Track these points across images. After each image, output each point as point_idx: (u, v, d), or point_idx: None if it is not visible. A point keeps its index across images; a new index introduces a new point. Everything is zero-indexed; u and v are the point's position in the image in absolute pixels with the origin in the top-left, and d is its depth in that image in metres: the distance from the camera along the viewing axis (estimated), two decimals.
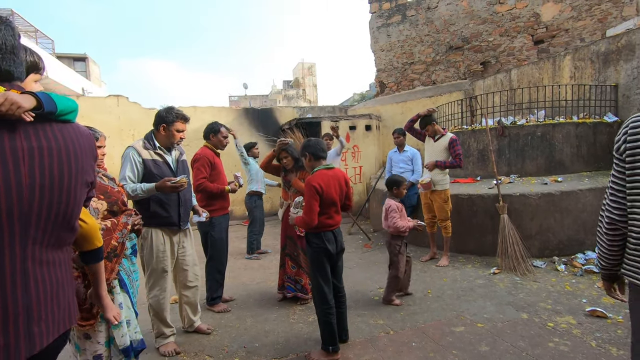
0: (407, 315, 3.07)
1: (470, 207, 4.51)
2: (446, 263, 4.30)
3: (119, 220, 1.98)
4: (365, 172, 7.86)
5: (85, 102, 7.53)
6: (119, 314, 1.80)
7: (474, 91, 8.17)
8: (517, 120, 5.57)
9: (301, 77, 35.64)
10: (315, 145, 2.55)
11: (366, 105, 10.34)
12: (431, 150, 4.35)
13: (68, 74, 13.27)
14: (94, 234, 1.49)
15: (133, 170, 2.48)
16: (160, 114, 2.60)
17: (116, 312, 1.76)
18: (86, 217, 1.45)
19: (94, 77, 17.54)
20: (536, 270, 3.90)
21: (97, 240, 1.51)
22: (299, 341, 2.73)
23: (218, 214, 3.29)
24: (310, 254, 2.50)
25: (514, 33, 8.28)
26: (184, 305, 2.85)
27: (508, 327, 2.76)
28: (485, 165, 5.48)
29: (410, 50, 9.90)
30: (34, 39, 13.35)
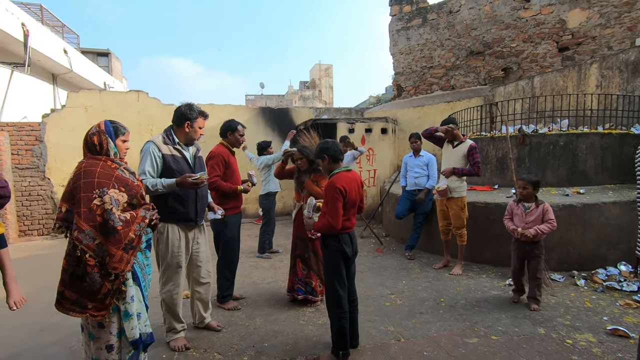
0: (418, 323, 3.01)
1: (487, 215, 4.41)
2: (460, 272, 4.21)
3: (137, 213, 1.99)
4: (380, 176, 7.79)
5: (107, 97, 7.70)
6: (20, 302, 1.93)
7: (494, 97, 8.01)
8: (538, 129, 5.42)
9: (318, 79, 35.69)
10: (334, 148, 2.51)
11: (383, 109, 10.25)
12: (449, 157, 4.26)
13: (91, 69, 13.59)
14: None
15: (153, 165, 2.50)
16: (182, 110, 2.61)
17: (18, 298, 1.91)
18: None
19: (115, 72, 17.94)
20: (554, 284, 3.78)
21: None
22: (308, 344, 2.70)
23: (231, 212, 3.29)
24: (327, 257, 2.47)
25: (537, 39, 8.08)
26: (195, 301, 2.86)
27: (524, 342, 2.67)
28: (504, 174, 5.35)
29: (430, 54, 9.78)
30: (61, 33, 13.73)
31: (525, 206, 3.32)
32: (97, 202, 1.87)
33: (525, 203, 3.33)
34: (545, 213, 3.23)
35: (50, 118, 7.11)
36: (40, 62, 10.20)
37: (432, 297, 3.55)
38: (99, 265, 1.86)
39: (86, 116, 7.19)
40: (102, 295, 1.88)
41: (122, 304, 1.96)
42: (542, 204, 3.27)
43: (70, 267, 1.88)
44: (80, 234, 1.84)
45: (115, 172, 2.01)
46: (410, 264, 4.66)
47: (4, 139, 6.64)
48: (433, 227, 4.91)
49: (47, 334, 2.95)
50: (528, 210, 3.29)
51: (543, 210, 3.24)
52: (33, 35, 9.04)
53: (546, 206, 3.26)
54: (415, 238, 4.96)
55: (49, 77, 11.44)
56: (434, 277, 4.15)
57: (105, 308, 1.91)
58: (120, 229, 1.88)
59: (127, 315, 1.97)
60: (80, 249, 1.84)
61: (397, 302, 3.47)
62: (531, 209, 3.28)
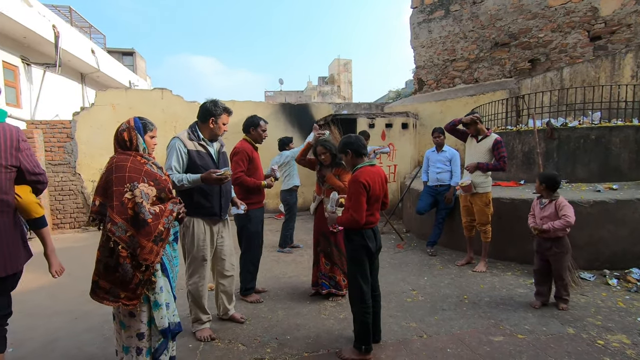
0: (441, 320, 2.98)
1: (513, 212, 4.29)
2: (484, 269, 4.12)
3: (166, 207, 2.06)
4: (400, 171, 7.71)
5: (134, 95, 7.93)
6: (60, 271, 2.16)
7: (520, 90, 7.76)
8: (568, 122, 5.22)
9: (337, 74, 35.51)
10: (357, 142, 2.50)
11: (403, 103, 10.11)
12: (473, 151, 4.15)
13: (117, 68, 14.03)
14: (28, 206, 1.99)
15: (179, 161, 2.56)
16: (207, 107, 2.66)
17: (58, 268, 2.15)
18: (22, 193, 1.97)
19: (140, 71, 18.44)
20: (584, 282, 3.65)
21: (33, 212, 2.02)
22: (330, 337, 2.72)
23: (254, 207, 3.36)
24: (350, 252, 2.47)
25: (567, 29, 7.75)
26: (220, 293, 2.93)
27: (552, 341, 2.59)
28: (530, 169, 5.19)
29: (453, 47, 9.55)
30: (88, 34, 14.22)
31: (541, 202, 3.25)
32: (128, 196, 1.95)
33: (543, 199, 3.25)
34: (559, 208, 3.11)
35: (80, 116, 7.40)
36: (69, 62, 10.60)
37: (454, 294, 3.50)
38: (130, 257, 1.93)
39: (113, 114, 7.44)
40: (134, 285, 1.96)
41: (151, 294, 2.03)
42: (556, 199, 3.16)
43: (104, 258, 1.96)
44: (113, 227, 1.92)
45: (145, 167, 2.08)
46: (432, 261, 4.60)
47: (38, 136, 6.96)
48: (456, 223, 4.83)
49: (81, 322, 3.10)
50: (542, 205, 3.21)
51: (557, 206, 3.13)
52: (63, 36, 9.40)
53: (560, 201, 3.15)
54: (437, 234, 4.89)
55: (78, 76, 11.89)
56: (456, 274, 4.09)
57: (137, 298, 1.98)
58: (150, 221, 1.94)
59: (157, 305, 2.04)
60: (113, 241, 1.92)
61: (419, 298, 3.44)
62: (545, 204, 3.20)
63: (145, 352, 2.08)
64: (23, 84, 8.90)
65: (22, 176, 1.99)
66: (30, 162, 2.00)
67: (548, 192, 3.20)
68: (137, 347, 2.07)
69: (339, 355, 2.44)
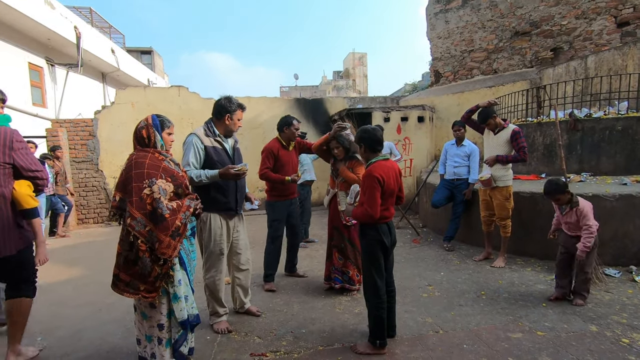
0: (458, 315, 2.94)
1: (533, 206, 4.17)
2: (502, 264, 4.04)
3: (183, 202, 2.11)
4: (416, 166, 7.61)
5: (152, 92, 8.10)
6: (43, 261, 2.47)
7: (542, 80, 7.50)
8: (592, 113, 5.02)
9: (351, 68, 35.22)
10: (371, 136, 2.47)
11: (419, 96, 9.95)
12: (491, 144, 4.05)
13: (136, 66, 14.35)
14: (20, 198, 2.23)
15: (196, 157, 2.61)
16: (222, 103, 2.69)
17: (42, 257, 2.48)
18: (18, 187, 2.24)
19: (158, 69, 18.80)
20: (609, 279, 3.52)
21: (24, 203, 2.25)
22: (344, 332, 2.73)
23: (278, 199, 3.68)
24: (365, 246, 2.46)
25: (592, 15, 7.42)
26: (236, 287, 2.98)
27: (574, 339, 2.52)
28: (552, 162, 5.03)
29: (470, 37, 9.30)
30: (108, 34, 14.58)
31: (561, 208, 3.16)
32: (147, 192, 2.00)
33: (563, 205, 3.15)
34: (580, 217, 3.01)
35: (102, 114, 7.62)
36: (90, 62, 10.92)
37: (472, 290, 3.45)
38: (149, 251, 1.99)
39: (133, 112, 7.62)
40: (153, 279, 2.01)
41: (170, 287, 2.08)
42: (575, 208, 3.04)
43: (124, 252, 2.03)
44: (133, 221, 1.98)
45: (162, 164, 2.13)
46: (449, 256, 4.54)
47: (63, 134, 7.22)
48: (473, 217, 4.74)
49: (104, 313, 3.22)
50: (564, 211, 3.13)
51: (578, 214, 3.03)
52: (84, 37, 9.68)
53: (581, 209, 3.02)
54: (454, 229, 4.81)
55: (99, 75, 12.23)
56: (474, 269, 4.02)
57: (155, 290, 2.04)
58: (168, 216, 1.99)
59: (176, 298, 2.10)
60: (133, 235, 1.98)
61: (435, 293, 3.41)
62: (566, 211, 3.10)
63: (165, 343, 2.14)
64: (48, 84, 9.23)
65: (19, 173, 2.24)
66: (24, 160, 2.23)
67: (562, 200, 3.10)
68: (158, 337, 2.14)
69: (354, 349, 2.45)
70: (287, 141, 3.68)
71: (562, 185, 3.09)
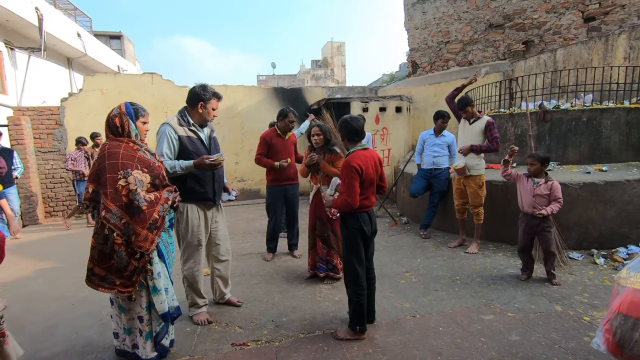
0: (434, 300, 3.05)
1: (504, 194, 4.35)
2: (476, 250, 4.20)
3: (161, 194, 2.06)
4: (394, 155, 7.73)
5: (123, 79, 7.77)
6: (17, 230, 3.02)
7: (514, 73, 7.74)
8: (560, 105, 5.24)
9: (330, 57, 35.02)
10: (352, 127, 2.48)
11: (397, 87, 10.04)
12: (466, 134, 4.17)
13: (105, 52, 13.66)
14: None
15: (170, 147, 2.54)
16: (196, 91, 2.61)
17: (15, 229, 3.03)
18: None
19: (128, 55, 17.98)
20: (572, 262, 3.74)
21: None
22: (325, 319, 2.78)
23: (272, 184, 4.15)
24: (346, 235, 2.50)
25: (562, 9, 7.68)
26: (215, 278, 2.96)
27: (540, 319, 2.68)
28: (523, 152, 5.22)
29: (447, 29, 9.44)
30: (74, 17, 13.77)
31: (534, 181, 3.35)
32: (122, 183, 1.94)
33: (535, 178, 3.33)
34: (555, 191, 3.27)
35: (69, 102, 7.24)
36: (55, 46, 10.31)
37: (447, 275, 3.58)
38: (125, 244, 1.94)
39: (103, 99, 7.30)
40: (129, 273, 1.97)
41: (150, 280, 2.05)
42: (552, 182, 3.30)
43: (99, 245, 1.97)
44: (108, 214, 1.92)
45: (137, 154, 2.06)
46: (426, 243, 4.68)
47: (26, 123, 6.82)
48: (449, 206, 4.89)
49: (78, 307, 3.12)
50: (537, 185, 3.31)
51: (551, 188, 3.27)
52: (47, 19, 9.10)
53: (555, 184, 3.29)
54: (431, 217, 4.95)
55: (65, 61, 11.58)
56: (449, 255, 4.17)
57: (132, 285, 2.00)
58: (145, 209, 1.94)
59: (156, 291, 2.06)
60: (108, 228, 1.92)
61: (413, 279, 3.51)
62: (540, 184, 3.30)
63: (146, 335, 2.12)
64: (8, 70, 8.65)
65: None
66: None
67: (543, 171, 3.33)
68: (139, 329, 2.11)
69: (334, 335, 2.50)
70: (283, 131, 4.10)
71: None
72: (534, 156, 3.35)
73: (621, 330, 0.67)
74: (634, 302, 0.66)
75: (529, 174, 3.40)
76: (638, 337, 0.64)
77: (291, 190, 4.21)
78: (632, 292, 0.69)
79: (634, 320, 0.65)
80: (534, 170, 3.33)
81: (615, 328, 0.69)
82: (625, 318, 0.67)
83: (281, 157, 4.01)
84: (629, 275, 0.74)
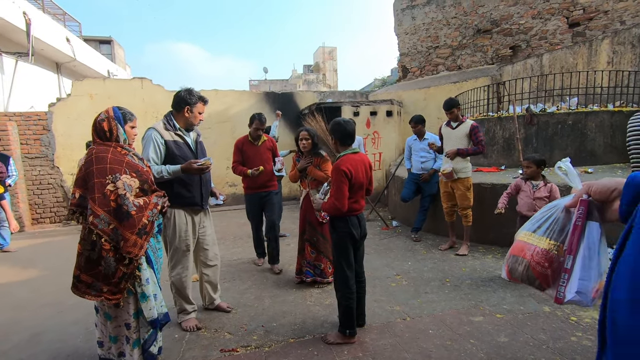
0: (424, 302, 3.07)
1: (494, 196, 4.38)
2: (466, 252, 4.24)
3: (150, 199, 2.04)
4: (385, 159, 7.77)
5: (112, 84, 7.71)
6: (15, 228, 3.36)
7: (502, 77, 7.87)
8: (547, 108, 5.34)
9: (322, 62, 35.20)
10: (344, 130, 2.49)
11: (388, 91, 10.13)
12: (451, 138, 4.23)
13: (95, 57, 13.54)
14: None
15: (156, 152, 2.52)
16: (181, 95, 2.61)
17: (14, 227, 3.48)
18: None
19: (118, 59, 17.85)
20: None
21: None
22: (315, 323, 2.77)
23: (245, 191, 4.09)
24: (335, 239, 2.50)
25: (547, 15, 7.85)
26: (204, 283, 2.93)
27: (529, 319, 2.71)
28: (511, 154, 5.31)
29: (436, 34, 9.57)
30: (63, 22, 13.64)
31: (533, 184, 3.36)
32: (110, 188, 1.92)
33: (533, 181, 3.36)
34: (553, 193, 3.30)
35: (57, 107, 7.16)
36: (43, 51, 10.19)
37: (437, 278, 3.60)
38: (113, 250, 1.92)
39: (92, 104, 7.23)
40: (117, 279, 1.94)
41: (138, 287, 2.02)
42: (550, 184, 3.34)
43: (86, 251, 1.94)
44: (96, 219, 1.89)
45: (126, 158, 2.05)
46: (416, 246, 4.70)
47: (12, 129, 6.72)
48: (439, 208, 4.92)
49: (65, 315, 3.07)
50: (536, 188, 3.34)
51: (551, 190, 3.31)
52: (35, 24, 9.01)
53: (554, 187, 3.33)
54: (421, 220, 4.98)
55: (53, 66, 11.44)
56: (439, 258, 4.19)
57: (120, 292, 1.97)
58: (134, 214, 1.92)
59: (145, 297, 2.04)
60: (96, 234, 1.90)
61: (403, 282, 3.53)
62: (539, 187, 3.33)
63: (133, 343, 2.08)
64: None
65: None
66: None
67: (540, 173, 3.37)
68: (126, 336, 2.08)
69: (324, 339, 2.50)
70: (253, 137, 3.95)
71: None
72: (529, 159, 3.38)
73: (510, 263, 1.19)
74: (517, 247, 1.17)
75: (526, 177, 3.43)
76: (518, 267, 1.15)
77: (267, 197, 4.00)
78: (518, 241, 1.20)
79: (516, 257, 1.16)
80: (530, 173, 3.36)
81: (509, 263, 1.20)
82: (513, 257, 1.19)
83: (254, 164, 3.81)
84: (519, 232, 1.24)
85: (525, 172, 3.40)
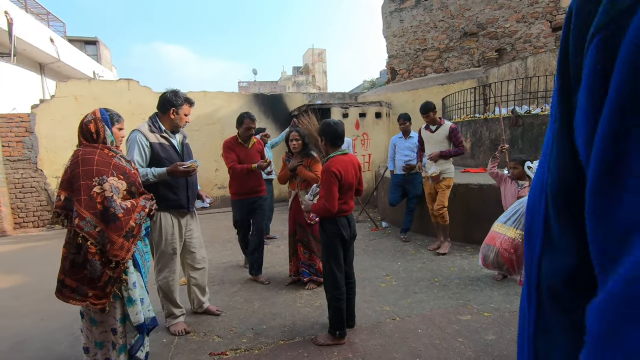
0: (413, 302, 3.09)
1: (481, 197, 4.47)
2: (446, 250, 4.31)
3: (138, 202, 2.02)
4: (374, 160, 7.82)
5: (98, 85, 7.58)
6: None
7: (488, 79, 8.00)
8: (532, 110, 5.45)
9: (311, 64, 35.25)
10: (334, 131, 2.50)
11: (377, 93, 10.20)
12: (432, 141, 4.30)
13: (80, 58, 13.30)
14: None
15: (141, 154, 2.49)
16: (167, 97, 2.58)
17: None
18: None
19: (105, 61, 17.56)
20: None
21: None
22: (305, 325, 2.77)
23: (233, 197, 3.75)
24: (325, 240, 2.51)
25: (531, 19, 8.03)
26: (192, 287, 2.90)
27: (515, 317, 2.75)
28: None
29: (424, 36, 9.68)
30: (46, 22, 13.36)
31: (519, 183, 3.42)
32: (97, 190, 1.89)
33: (520, 181, 3.43)
34: None
35: (40, 109, 7.00)
36: (26, 51, 9.96)
37: (426, 278, 3.64)
38: (99, 253, 1.89)
39: (76, 106, 7.09)
40: (103, 283, 1.91)
41: (124, 291, 1.99)
42: None
43: (71, 255, 1.91)
44: (81, 222, 1.86)
45: (113, 160, 2.02)
46: (406, 246, 4.74)
47: None
48: (426, 209, 4.97)
49: (49, 321, 3.00)
50: (522, 187, 3.40)
51: None
52: (17, 23, 8.81)
53: None
54: (409, 221, 5.03)
55: (36, 66, 11.19)
56: (428, 258, 4.24)
57: (106, 296, 1.94)
58: (121, 216, 1.90)
59: (131, 301, 2.01)
60: (82, 237, 1.86)
61: (393, 283, 3.55)
62: (524, 186, 3.38)
63: (120, 349, 2.05)
64: None
65: None
66: None
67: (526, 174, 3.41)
68: (112, 341, 2.04)
69: (314, 341, 2.50)
70: (244, 138, 3.70)
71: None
72: (516, 160, 3.43)
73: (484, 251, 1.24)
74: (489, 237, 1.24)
75: (513, 177, 3.50)
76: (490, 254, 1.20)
77: (256, 203, 3.72)
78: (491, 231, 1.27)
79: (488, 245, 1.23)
80: (517, 173, 3.41)
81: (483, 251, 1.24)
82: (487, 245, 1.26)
83: None
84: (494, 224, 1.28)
85: (512, 172, 3.46)
